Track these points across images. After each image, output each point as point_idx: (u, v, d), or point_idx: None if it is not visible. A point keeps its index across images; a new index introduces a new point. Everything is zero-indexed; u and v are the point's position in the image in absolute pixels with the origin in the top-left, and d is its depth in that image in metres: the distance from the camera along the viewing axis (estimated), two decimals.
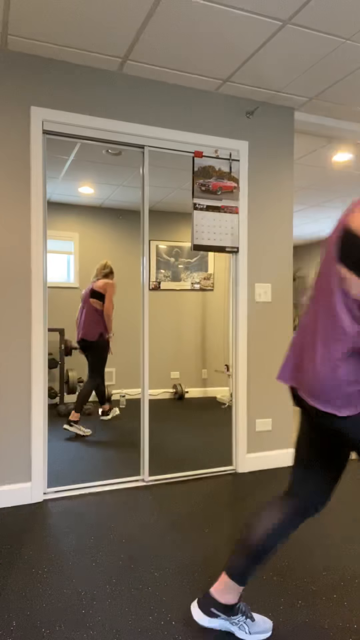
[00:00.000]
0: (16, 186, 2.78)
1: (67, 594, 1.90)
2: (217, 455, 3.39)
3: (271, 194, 3.45)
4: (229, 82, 3.10)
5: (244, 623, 1.63)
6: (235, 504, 2.79)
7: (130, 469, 3.16)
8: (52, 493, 2.90)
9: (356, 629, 1.71)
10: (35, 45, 2.70)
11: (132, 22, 2.47)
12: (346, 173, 5.05)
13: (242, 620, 1.63)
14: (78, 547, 2.27)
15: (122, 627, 1.71)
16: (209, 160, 3.23)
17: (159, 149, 3.13)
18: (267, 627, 1.66)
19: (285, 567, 2.11)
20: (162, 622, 1.74)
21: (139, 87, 3.05)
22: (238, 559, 1.59)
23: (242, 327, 3.36)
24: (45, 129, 2.84)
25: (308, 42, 2.63)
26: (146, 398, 3.16)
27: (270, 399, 3.46)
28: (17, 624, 1.72)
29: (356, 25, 2.48)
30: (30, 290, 2.82)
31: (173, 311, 3.79)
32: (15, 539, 2.35)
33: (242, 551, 1.58)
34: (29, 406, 2.82)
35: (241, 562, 1.58)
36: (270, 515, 1.56)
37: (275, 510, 1.57)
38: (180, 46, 2.69)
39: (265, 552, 1.56)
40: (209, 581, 1.99)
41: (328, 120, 3.61)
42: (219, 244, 3.27)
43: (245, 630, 1.63)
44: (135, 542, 2.32)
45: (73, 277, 3.56)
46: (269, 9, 2.35)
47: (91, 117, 2.92)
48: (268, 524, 1.55)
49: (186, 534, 2.41)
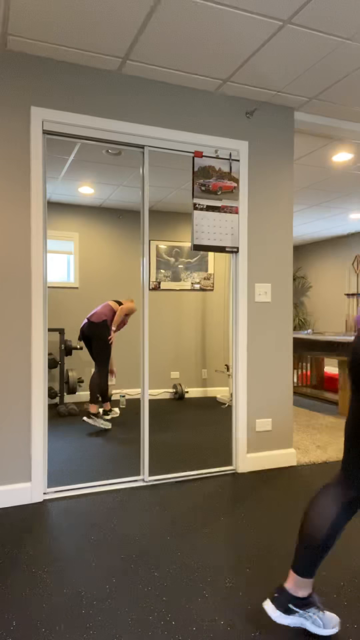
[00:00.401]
0: (16, 186, 2.78)
1: (67, 594, 1.90)
2: (217, 455, 3.39)
3: (271, 194, 3.45)
4: (229, 82, 3.10)
5: (317, 617, 1.63)
6: (235, 504, 2.79)
7: (130, 468, 3.16)
8: (52, 493, 2.90)
9: (356, 629, 1.71)
10: (35, 45, 2.70)
11: (132, 22, 2.47)
12: (346, 173, 5.05)
13: (316, 613, 1.63)
14: (78, 547, 2.27)
15: (122, 627, 1.70)
16: (209, 160, 3.23)
17: (159, 149, 3.13)
18: (336, 622, 1.66)
19: (285, 567, 2.11)
20: (162, 622, 1.74)
21: (139, 87, 3.05)
22: (303, 554, 1.59)
23: (242, 327, 3.36)
24: (45, 129, 2.84)
25: (308, 42, 2.63)
26: (146, 398, 3.16)
27: (270, 399, 3.46)
28: (17, 624, 1.72)
29: (356, 25, 2.48)
30: (30, 290, 2.82)
31: (173, 311, 3.79)
32: (15, 539, 2.35)
33: (305, 545, 1.59)
34: (29, 406, 2.82)
35: (306, 556, 1.59)
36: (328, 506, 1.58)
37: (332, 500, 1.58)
38: (180, 46, 2.68)
39: (329, 543, 1.57)
40: (209, 581, 1.99)
41: (328, 120, 3.61)
42: (219, 244, 3.27)
43: (319, 624, 1.62)
44: (135, 542, 2.32)
45: (73, 277, 3.56)
46: (269, 9, 2.35)
47: (91, 117, 2.92)
48: (328, 515, 1.56)
49: (186, 534, 2.41)
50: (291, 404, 3.53)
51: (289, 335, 3.53)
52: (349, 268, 8.86)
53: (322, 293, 9.53)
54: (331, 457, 3.64)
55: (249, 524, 2.53)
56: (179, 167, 3.24)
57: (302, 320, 9.82)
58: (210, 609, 1.81)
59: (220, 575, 2.04)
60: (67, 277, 3.56)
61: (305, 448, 3.88)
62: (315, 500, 1.63)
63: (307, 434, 4.31)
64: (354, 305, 8.74)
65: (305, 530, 1.60)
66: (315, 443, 4.02)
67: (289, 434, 3.52)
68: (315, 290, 9.71)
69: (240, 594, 1.91)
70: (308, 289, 9.92)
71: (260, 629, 1.70)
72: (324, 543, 1.57)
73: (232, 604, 1.84)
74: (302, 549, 1.61)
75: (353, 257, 8.76)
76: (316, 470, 3.38)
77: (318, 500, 1.62)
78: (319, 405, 5.66)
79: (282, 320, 3.50)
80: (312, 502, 1.64)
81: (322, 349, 5.41)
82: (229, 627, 1.71)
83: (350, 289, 8.82)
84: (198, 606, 1.83)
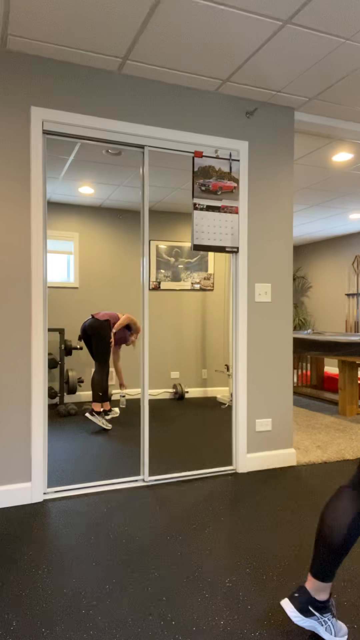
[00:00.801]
0: (16, 186, 2.78)
1: (67, 594, 1.90)
2: (217, 455, 3.39)
3: (271, 193, 3.45)
4: (229, 82, 3.10)
5: (331, 624, 1.62)
6: (235, 504, 2.79)
7: (130, 468, 3.16)
8: (52, 493, 2.90)
9: (356, 629, 1.71)
10: (35, 45, 2.70)
11: (132, 22, 2.47)
12: (346, 173, 5.05)
13: (330, 619, 1.62)
14: (78, 547, 2.27)
15: (122, 627, 1.70)
16: (209, 160, 3.23)
17: (159, 149, 3.13)
18: (345, 632, 1.65)
19: (285, 567, 2.11)
20: (162, 622, 1.74)
21: (139, 87, 3.05)
22: (321, 557, 1.58)
23: (242, 327, 3.36)
24: (45, 129, 2.84)
25: (308, 42, 2.63)
26: (146, 398, 3.16)
27: (270, 399, 3.46)
28: (17, 624, 1.72)
29: (356, 25, 2.48)
30: (30, 290, 2.82)
31: (173, 311, 3.79)
32: (15, 539, 2.35)
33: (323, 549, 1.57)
34: (29, 406, 2.82)
35: (324, 560, 1.57)
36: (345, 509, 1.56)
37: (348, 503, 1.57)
38: (180, 46, 2.68)
39: (347, 546, 1.56)
40: (209, 581, 1.99)
41: (328, 120, 3.61)
42: (219, 244, 3.27)
43: (332, 631, 1.61)
44: (135, 542, 2.32)
45: (73, 277, 3.56)
46: (269, 9, 2.35)
47: (91, 117, 2.92)
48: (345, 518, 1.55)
49: (186, 534, 2.41)
50: (291, 404, 3.53)
51: (289, 335, 3.53)
52: (349, 268, 8.86)
53: (322, 293, 9.53)
54: (331, 457, 3.64)
55: (249, 524, 2.53)
56: (179, 167, 3.24)
57: (302, 320, 9.82)
58: (210, 609, 1.81)
59: (220, 575, 2.04)
60: (67, 277, 3.56)
61: (305, 448, 3.88)
62: (331, 504, 1.61)
63: (307, 434, 4.31)
64: (354, 305, 8.74)
65: (322, 534, 1.59)
66: (315, 443, 4.02)
67: (289, 434, 3.52)
68: (315, 290, 9.71)
69: (240, 594, 1.91)
70: (308, 289, 9.92)
71: (260, 629, 1.70)
72: (341, 546, 1.55)
73: (232, 604, 1.84)
74: (320, 552, 1.59)
75: (353, 257, 8.76)
76: (316, 471, 3.38)
77: (334, 503, 1.60)
78: (319, 405, 5.66)
79: (282, 320, 3.50)
80: (328, 505, 1.62)
81: (322, 349, 5.41)
82: (229, 627, 1.71)
83: (350, 289, 8.82)
84: (198, 606, 1.83)
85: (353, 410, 5.13)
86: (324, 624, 1.61)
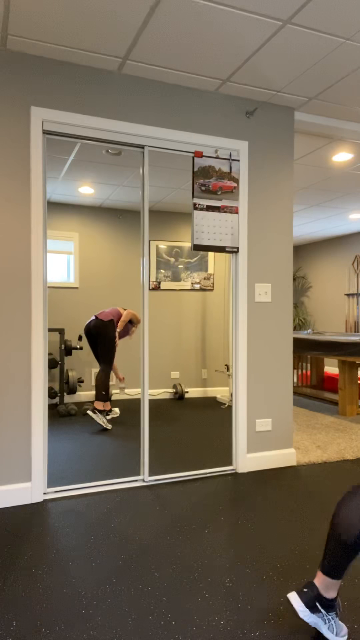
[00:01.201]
0: (16, 186, 2.78)
1: (67, 594, 1.90)
2: (217, 455, 3.39)
3: (271, 193, 3.45)
4: (229, 82, 3.10)
5: (334, 623, 1.62)
6: (235, 504, 2.79)
7: (130, 468, 3.16)
8: (52, 493, 2.90)
9: (356, 629, 1.71)
10: (35, 45, 2.70)
11: (132, 22, 2.47)
12: (346, 173, 5.05)
13: (334, 618, 1.62)
14: (78, 547, 2.27)
15: (122, 627, 1.70)
16: (209, 160, 3.23)
17: (159, 149, 3.13)
18: (346, 632, 1.65)
19: (285, 567, 2.11)
20: (162, 622, 1.74)
21: (139, 87, 3.05)
22: (332, 555, 1.58)
23: (242, 327, 3.36)
24: (45, 129, 2.84)
25: (308, 42, 2.63)
26: (146, 398, 3.16)
27: (270, 399, 3.46)
28: (17, 624, 1.72)
29: (356, 25, 2.48)
30: (30, 290, 2.82)
31: (173, 311, 3.79)
32: (15, 539, 2.35)
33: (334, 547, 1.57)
34: (29, 406, 2.82)
35: (335, 558, 1.57)
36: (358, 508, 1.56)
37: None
38: (180, 46, 2.68)
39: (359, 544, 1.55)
40: (209, 581, 1.99)
41: (328, 120, 3.61)
42: (219, 244, 3.27)
43: (334, 631, 1.62)
44: (135, 542, 2.32)
45: (73, 277, 3.56)
46: (269, 9, 2.35)
47: (91, 117, 2.92)
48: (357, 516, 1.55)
49: (186, 534, 2.41)
50: (291, 404, 3.53)
51: (289, 335, 3.53)
52: (348, 268, 8.86)
53: (322, 293, 9.53)
54: (331, 457, 3.64)
55: (249, 524, 2.53)
56: (179, 167, 3.24)
57: (302, 320, 9.82)
58: (210, 609, 1.81)
59: (220, 575, 2.04)
60: (67, 277, 3.56)
61: (305, 448, 3.88)
62: (343, 502, 1.60)
63: (307, 434, 4.31)
64: (353, 305, 8.74)
65: (334, 532, 1.58)
66: (315, 443, 4.02)
67: (289, 434, 3.52)
68: (315, 290, 9.71)
69: (240, 594, 1.91)
70: (308, 289, 9.92)
71: (261, 629, 1.70)
72: (353, 544, 1.55)
73: (232, 604, 1.84)
74: (332, 550, 1.59)
75: (353, 257, 8.76)
76: (316, 470, 3.38)
77: (347, 501, 1.60)
78: (319, 405, 5.66)
79: (282, 320, 3.50)
80: (340, 503, 1.62)
81: (322, 349, 5.41)
82: (229, 627, 1.71)
83: (350, 289, 8.82)
84: (198, 606, 1.83)
85: (353, 410, 5.13)
86: (327, 622, 1.61)
